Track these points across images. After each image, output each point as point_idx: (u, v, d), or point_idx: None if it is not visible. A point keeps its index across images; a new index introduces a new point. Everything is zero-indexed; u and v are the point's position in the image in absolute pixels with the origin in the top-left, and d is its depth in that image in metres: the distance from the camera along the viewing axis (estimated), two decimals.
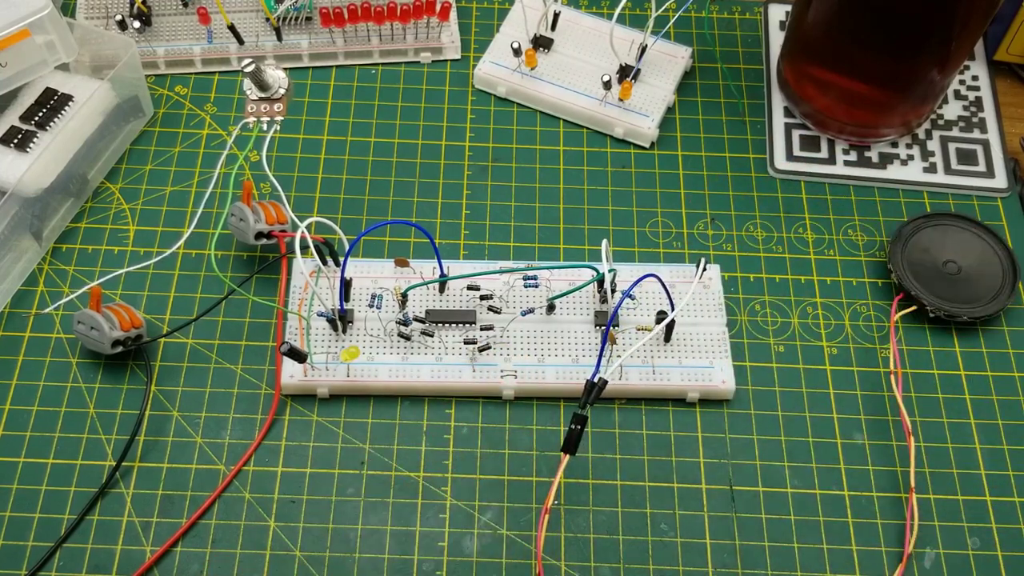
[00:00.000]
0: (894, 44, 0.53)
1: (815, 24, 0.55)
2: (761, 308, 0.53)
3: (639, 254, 0.55)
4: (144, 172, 0.57)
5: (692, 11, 0.64)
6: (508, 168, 0.58)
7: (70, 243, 0.54)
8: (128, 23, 0.59)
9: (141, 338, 0.50)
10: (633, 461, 0.48)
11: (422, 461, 0.48)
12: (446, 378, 0.49)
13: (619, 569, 0.46)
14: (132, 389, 0.50)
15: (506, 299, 0.51)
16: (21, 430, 0.48)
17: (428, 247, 0.51)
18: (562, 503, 0.47)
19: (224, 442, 0.48)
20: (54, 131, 0.52)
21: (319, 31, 0.61)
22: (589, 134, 0.59)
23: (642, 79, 0.60)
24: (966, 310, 0.52)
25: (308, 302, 0.50)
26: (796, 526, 0.47)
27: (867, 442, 0.49)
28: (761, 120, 0.60)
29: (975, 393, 0.51)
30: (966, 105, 0.61)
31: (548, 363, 0.49)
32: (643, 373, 0.49)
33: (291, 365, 0.49)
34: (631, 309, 0.51)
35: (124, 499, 0.47)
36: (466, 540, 0.46)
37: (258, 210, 0.50)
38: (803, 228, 0.56)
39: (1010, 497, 0.48)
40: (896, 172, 0.58)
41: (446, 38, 0.61)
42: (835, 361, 0.52)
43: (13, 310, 0.52)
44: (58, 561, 0.45)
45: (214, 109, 0.59)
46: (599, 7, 0.64)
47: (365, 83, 0.61)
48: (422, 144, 0.59)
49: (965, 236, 0.54)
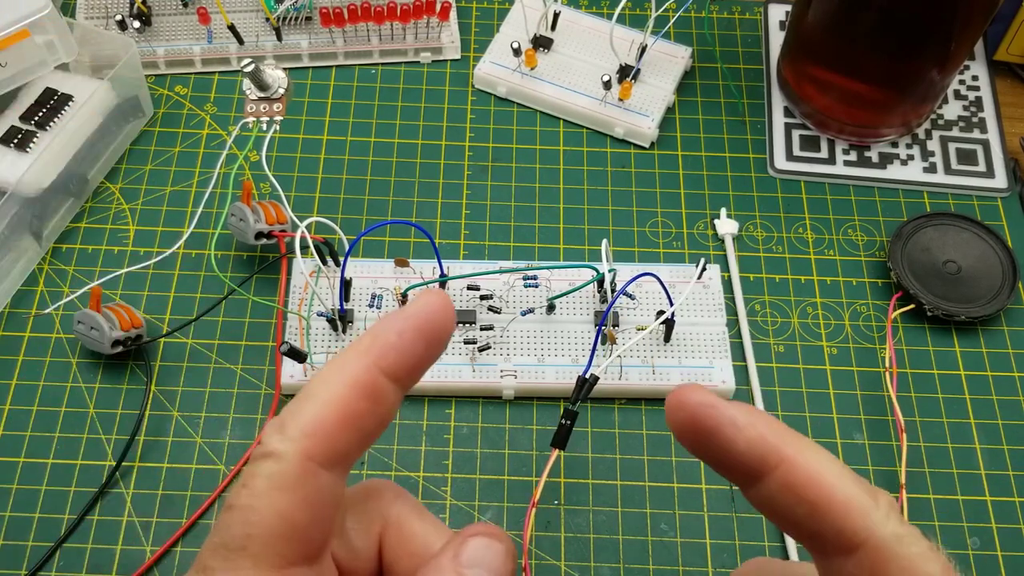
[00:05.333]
0: (894, 44, 0.53)
1: (815, 24, 0.55)
2: (761, 308, 0.53)
3: (639, 254, 0.55)
4: (144, 172, 0.57)
5: (692, 11, 0.64)
6: (508, 168, 0.58)
7: (70, 243, 0.54)
8: (128, 23, 0.59)
9: (141, 338, 0.50)
10: (633, 461, 0.48)
11: (422, 461, 0.48)
12: (446, 378, 0.49)
13: (619, 569, 0.46)
14: (132, 389, 0.50)
15: (506, 299, 0.51)
16: (21, 430, 0.48)
17: (428, 247, 0.51)
18: (562, 503, 0.47)
19: (224, 442, 0.48)
20: (54, 131, 0.52)
21: (319, 31, 0.61)
22: (589, 134, 0.59)
23: (642, 79, 0.60)
24: (966, 310, 0.52)
25: (308, 302, 0.50)
26: None
27: (867, 442, 0.49)
28: (761, 120, 0.60)
29: (975, 393, 0.51)
30: (966, 105, 0.61)
31: (548, 363, 0.49)
32: (643, 373, 0.49)
33: (291, 365, 0.49)
34: (631, 309, 0.51)
35: (124, 499, 0.47)
36: None
37: (258, 210, 0.50)
38: (803, 228, 0.56)
39: (1010, 497, 0.48)
40: (896, 172, 0.58)
41: (446, 38, 0.61)
42: (835, 361, 0.52)
43: (13, 310, 0.52)
44: (58, 561, 0.45)
45: (214, 109, 0.59)
46: (599, 7, 0.64)
47: (365, 83, 0.61)
48: (422, 144, 0.59)
49: (965, 236, 0.54)
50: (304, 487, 0.21)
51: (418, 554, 0.24)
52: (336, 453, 0.21)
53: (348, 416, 0.21)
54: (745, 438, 0.22)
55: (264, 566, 0.21)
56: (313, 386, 0.22)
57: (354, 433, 0.22)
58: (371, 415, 0.22)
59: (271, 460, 0.21)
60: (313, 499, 0.21)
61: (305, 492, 0.21)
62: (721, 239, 0.55)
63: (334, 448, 0.21)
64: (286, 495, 0.21)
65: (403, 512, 0.25)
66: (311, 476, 0.21)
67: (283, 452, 0.21)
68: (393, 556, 0.24)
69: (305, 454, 0.21)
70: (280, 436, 0.21)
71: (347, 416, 0.21)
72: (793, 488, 0.22)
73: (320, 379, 0.22)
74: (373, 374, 0.22)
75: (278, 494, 0.21)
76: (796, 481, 0.22)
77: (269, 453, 0.21)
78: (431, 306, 0.22)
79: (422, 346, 0.22)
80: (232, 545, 0.21)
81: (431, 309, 0.22)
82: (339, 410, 0.21)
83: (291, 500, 0.21)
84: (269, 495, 0.21)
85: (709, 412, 0.22)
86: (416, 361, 0.22)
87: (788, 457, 0.22)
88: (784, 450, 0.22)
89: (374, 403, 0.22)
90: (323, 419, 0.21)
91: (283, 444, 0.21)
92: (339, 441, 0.21)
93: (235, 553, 0.21)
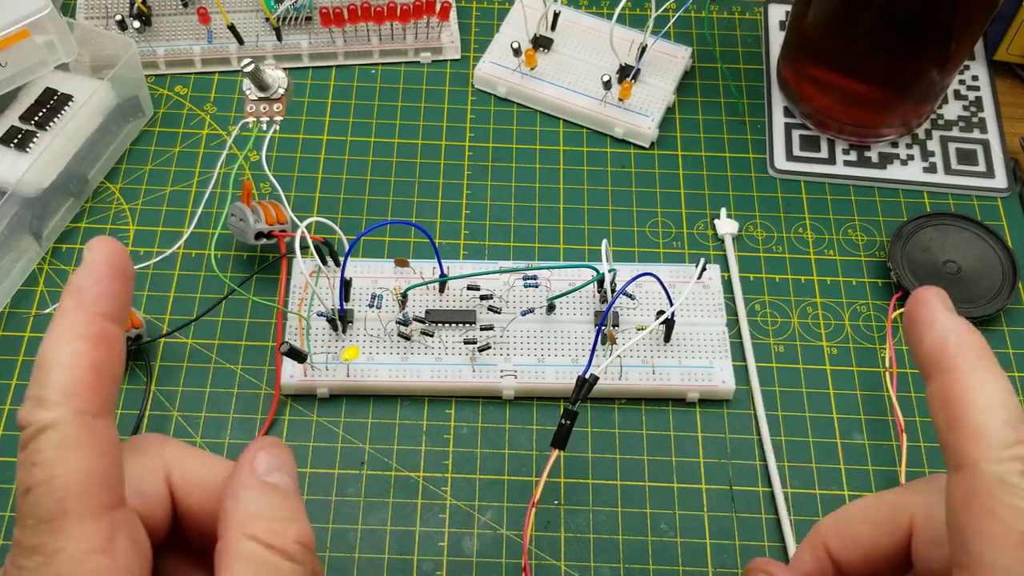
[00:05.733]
0: (894, 44, 0.53)
1: (815, 24, 0.55)
2: (761, 308, 0.53)
3: (639, 254, 0.55)
4: (144, 172, 0.57)
5: (692, 11, 0.64)
6: (508, 168, 0.58)
7: (70, 243, 0.54)
8: (128, 23, 0.59)
9: (141, 338, 0.50)
10: (633, 461, 0.48)
11: (422, 461, 0.48)
12: (446, 378, 0.49)
13: (619, 569, 0.46)
14: (132, 389, 0.50)
15: (506, 299, 0.51)
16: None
17: (428, 247, 0.51)
18: (562, 503, 0.47)
19: (224, 442, 0.48)
20: (54, 131, 0.52)
21: (319, 31, 0.61)
22: (589, 134, 0.59)
23: (642, 79, 0.60)
24: (966, 310, 0.52)
25: (308, 302, 0.50)
26: (796, 526, 0.47)
27: (867, 442, 0.49)
28: (761, 120, 0.60)
29: None
30: (966, 105, 0.61)
31: (548, 363, 0.49)
32: (643, 373, 0.49)
33: (291, 365, 0.49)
34: (631, 309, 0.51)
35: None
36: (466, 540, 0.46)
37: (258, 210, 0.50)
38: (803, 228, 0.56)
39: None
40: (896, 172, 0.58)
41: (446, 38, 0.61)
42: (835, 361, 0.52)
43: (13, 310, 0.52)
44: None
45: (214, 109, 0.59)
46: (599, 7, 0.64)
47: (365, 83, 0.61)
48: (422, 144, 0.59)
49: (965, 236, 0.54)
50: (89, 438, 0.22)
51: (206, 484, 0.26)
52: (100, 401, 0.23)
53: (96, 365, 0.23)
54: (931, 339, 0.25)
55: (89, 518, 0.22)
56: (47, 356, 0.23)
57: (106, 378, 0.23)
58: (112, 359, 0.23)
59: (49, 431, 0.22)
60: (103, 447, 0.22)
61: (92, 442, 0.22)
62: (721, 239, 0.55)
63: (97, 397, 0.23)
64: (79, 452, 0.22)
65: (177, 451, 0.26)
66: (89, 428, 0.22)
67: (56, 418, 0.22)
68: (183, 493, 0.26)
69: (77, 410, 0.22)
70: (43, 409, 0.22)
71: (95, 365, 0.23)
72: (942, 398, 0.24)
73: (50, 349, 0.23)
74: (98, 322, 0.23)
75: (71, 454, 0.22)
76: (946, 393, 0.24)
77: (43, 427, 0.22)
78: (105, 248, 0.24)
79: (120, 282, 0.24)
80: (49, 516, 0.22)
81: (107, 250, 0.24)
82: (86, 362, 0.23)
83: (85, 454, 0.22)
84: (64, 459, 0.22)
85: (921, 308, 0.25)
86: (122, 297, 0.24)
87: (954, 369, 0.24)
88: (955, 361, 0.24)
89: (109, 347, 0.23)
90: (77, 376, 0.23)
91: (52, 412, 0.22)
92: (99, 389, 0.23)
93: (56, 520, 0.22)
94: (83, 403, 0.22)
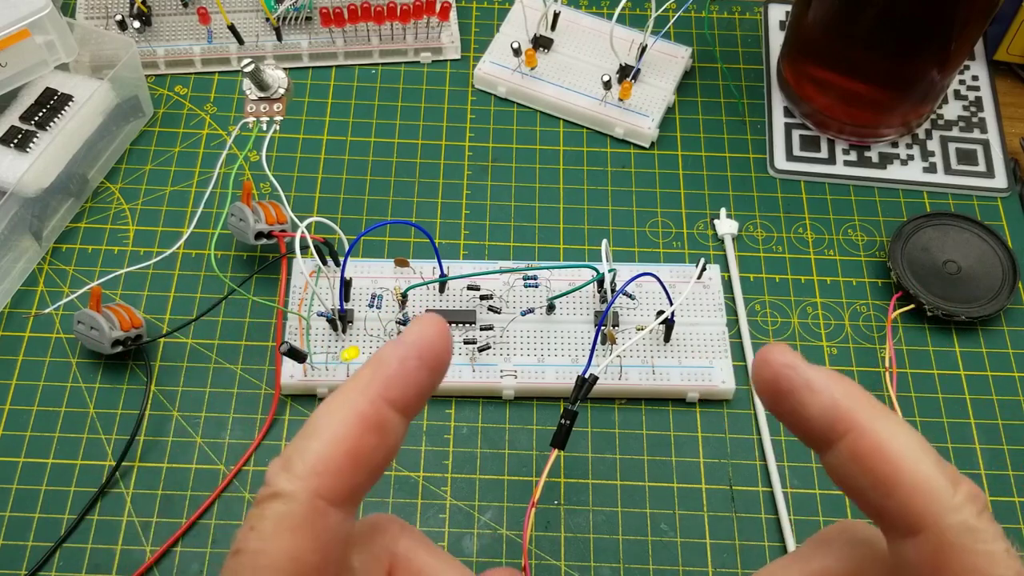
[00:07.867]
0: (894, 44, 0.53)
1: (815, 24, 0.55)
2: (761, 308, 0.53)
3: (639, 254, 0.55)
4: (144, 172, 0.57)
5: (692, 11, 0.64)
6: (508, 168, 0.58)
7: (70, 243, 0.54)
8: (128, 23, 0.59)
9: (141, 338, 0.50)
10: (633, 461, 0.48)
11: (422, 461, 0.48)
12: (446, 378, 0.49)
13: (619, 569, 0.46)
14: (132, 389, 0.50)
15: (506, 299, 0.51)
16: (21, 430, 0.48)
17: (428, 247, 0.51)
18: (562, 503, 0.47)
19: (224, 442, 0.48)
20: (54, 131, 0.52)
21: (319, 31, 0.61)
22: (589, 134, 0.59)
23: (642, 79, 0.60)
24: (966, 310, 0.52)
25: (308, 302, 0.50)
26: (796, 526, 0.47)
27: None
28: (761, 120, 0.60)
29: (975, 393, 0.51)
30: (966, 105, 0.61)
31: (548, 363, 0.49)
32: (643, 373, 0.49)
33: (291, 365, 0.49)
34: (631, 309, 0.51)
35: (124, 499, 0.47)
36: (466, 540, 0.46)
37: (258, 210, 0.50)
38: (803, 228, 0.56)
39: (1010, 497, 0.48)
40: (896, 172, 0.58)
41: (446, 38, 0.61)
42: (835, 361, 0.52)
43: (13, 310, 0.52)
44: (58, 561, 0.45)
45: (214, 109, 0.59)
46: (599, 7, 0.64)
47: (365, 83, 0.61)
48: (422, 144, 0.59)
49: (965, 236, 0.54)
50: (314, 527, 0.20)
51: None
52: (345, 490, 0.21)
53: (356, 452, 0.21)
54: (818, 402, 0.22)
55: None
56: (318, 422, 0.21)
57: (363, 469, 0.21)
58: (379, 449, 0.21)
59: (279, 501, 0.20)
60: (323, 539, 0.21)
61: (315, 532, 0.20)
62: (721, 239, 0.55)
63: (343, 485, 0.21)
64: (296, 536, 0.20)
65: (411, 546, 0.24)
66: (321, 515, 0.20)
67: (291, 492, 0.20)
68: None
69: (314, 493, 0.20)
70: (287, 475, 0.20)
71: (355, 452, 0.21)
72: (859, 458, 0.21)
73: (324, 414, 0.21)
74: (378, 406, 0.21)
75: (288, 535, 0.20)
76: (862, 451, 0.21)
77: (276, 494, 0.20)
78: (429, 331, 0.22)
79: (425, 373, 0.22)
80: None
81: (429, 334, 0.22)
82: (347, 446, 0.21)
83: (301, 541, 0.20)
84: (279, 537, 0.20)
85: (788, 373, 0.22)
86: (420, 389, 0.22)
87: (858, 425, 0.21)
88: (855, 417, 0.21)
89: (381, 436, 0.21)
90: (331, 456, 0.21)
91: (291, 484, 0.20)
92: (348, 478, 0.21)
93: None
94: (324, 487, 0.20)
